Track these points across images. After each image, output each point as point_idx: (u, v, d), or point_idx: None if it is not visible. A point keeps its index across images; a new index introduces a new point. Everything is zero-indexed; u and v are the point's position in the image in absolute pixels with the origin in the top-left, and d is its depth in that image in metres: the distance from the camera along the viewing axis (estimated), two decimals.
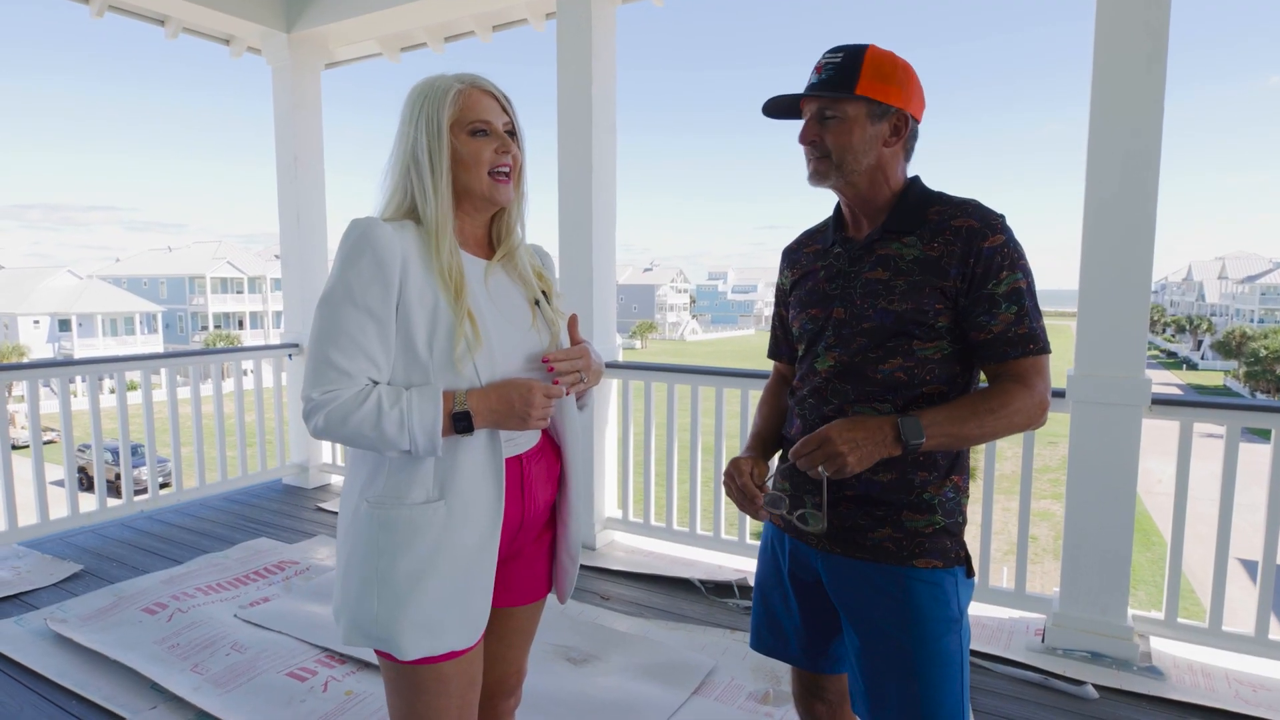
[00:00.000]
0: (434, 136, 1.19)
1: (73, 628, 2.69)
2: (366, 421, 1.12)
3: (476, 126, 1.21)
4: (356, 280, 1.13)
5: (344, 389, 1.13)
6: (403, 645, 1.16)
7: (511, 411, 1.17)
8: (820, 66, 1.23)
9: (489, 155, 1.21)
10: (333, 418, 1.12)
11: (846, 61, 1.20)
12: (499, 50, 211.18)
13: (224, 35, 4.47)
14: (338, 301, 1.14)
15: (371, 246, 1.14)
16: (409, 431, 1.12)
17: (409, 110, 1.22)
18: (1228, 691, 2.34)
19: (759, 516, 1.28)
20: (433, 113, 1.19)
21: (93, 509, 3.77)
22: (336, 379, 1.13)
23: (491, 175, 1.22)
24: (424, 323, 1.16)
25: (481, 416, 1.16)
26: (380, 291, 1.14)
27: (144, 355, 4.28)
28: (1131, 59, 2.37)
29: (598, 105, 3.45)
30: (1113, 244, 2.45)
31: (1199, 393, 37.29)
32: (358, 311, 1.14)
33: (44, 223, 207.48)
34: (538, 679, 2.37)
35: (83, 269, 52.59)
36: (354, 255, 1.14)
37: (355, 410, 1.12)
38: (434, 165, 1.19)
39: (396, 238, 1.16)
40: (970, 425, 1.15)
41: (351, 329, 1.13)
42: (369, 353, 1.14)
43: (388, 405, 1.12)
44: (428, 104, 1.20)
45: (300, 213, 4.53)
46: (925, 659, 1.20)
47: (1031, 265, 1.21)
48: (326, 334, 1.14)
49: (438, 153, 1.19)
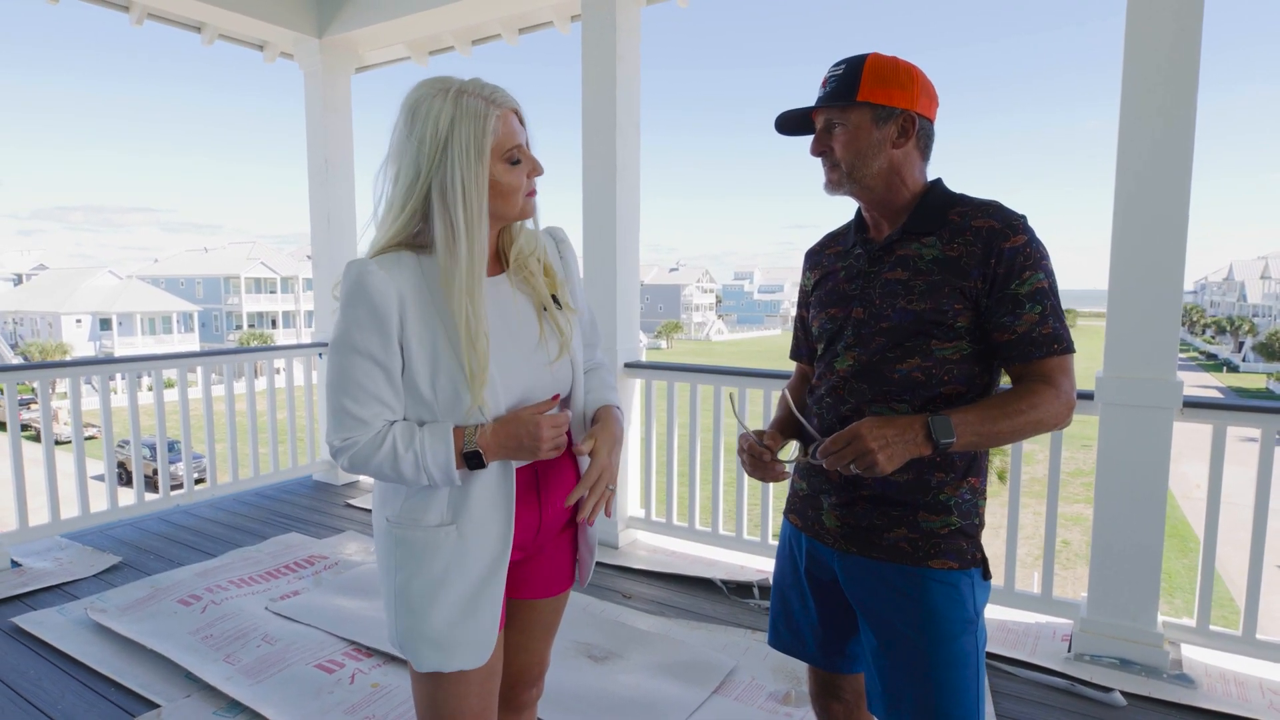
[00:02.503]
0: (471, 167, 1.11)
1: (111, 617, 2.78)
2: (385, 464, 1.16)
3: (514, 155, 1.16)
4: (356, 329, 1.14)
5: (360, 435, 1.16)
6: (418, 658, 1.23)
7: (520, 447, 1.19)
8: (825, 80, 1.27)
9: (525, 182, 1.19)
10: (355, 460, 1.17)
11: (848, 72, 1.23)
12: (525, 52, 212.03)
13: (258, 41, 4.57)
14: (344, 350, 1.16)
15: (366, 296, 1.13)
16: (425, 471, 1.16)
17: (431, 129, 1.10)
18: (1261, 701, 2.29)
19: (768, 477, 1.28)
20: (470, 140, 1.10)
21: (131, 503, 3.88)
22: (353, 426, 1.16)
23: (525, 195, 1.20)
24: (425, 366, 1.17)
25: (491, 453, 1.18)
26: (380, 340, 1.14)
27: (180, 354, 4.39)
28: (1161, 53, 2.33)
29: (622, 106, 3.47)
30: (1143, 241, 2.40)
31: (1240, 396, 36.29)
32: (362, 359, 1.15)
33: (85, 224, 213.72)
34: (559, 675, 2.40)
35: (123, 269, 54.07)
36: (352, 304, 1.14)
37: (374, 454, 1.16)
38: (470, 199, 1.11)
39: (391, 281, 1.13)
40: (1001, 425, 1.14)
41: (359, 377, 1.15)
42: (380, 397, 1.17)
43: (402, 448, 1.15)
44: (461, 128, 1.10)
45: (331, 214, 4.62)
46: (940, 659, 1.20)
47: (1066, 265, 1.20)
48: (338, 383, 1.17)
49: (476, 185, 1.11)
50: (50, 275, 51.61)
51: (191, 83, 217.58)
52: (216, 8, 3.96)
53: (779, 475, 1.27)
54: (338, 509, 4.24)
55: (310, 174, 4.66)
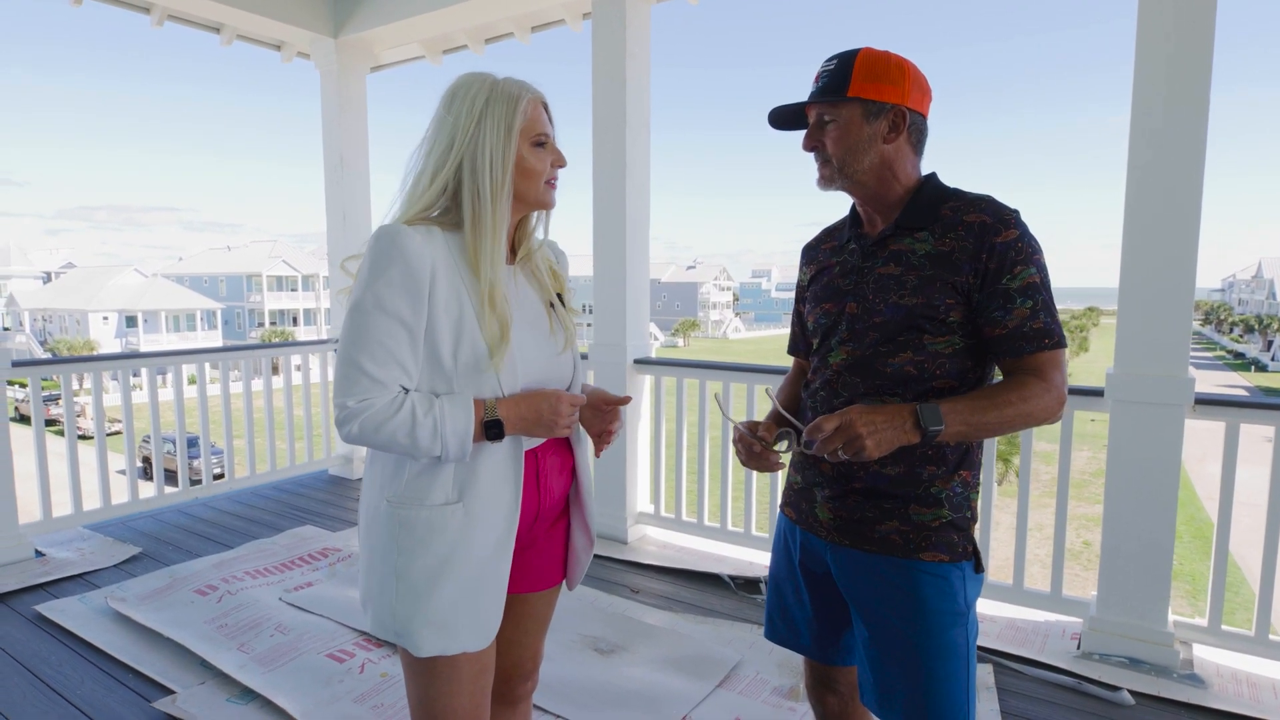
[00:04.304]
0: (501, 141, 1.18)
1: (131, 606, 2.85)
2: (401, 429, 1.14)
3: (540, 139, 1.23)
4: (386, 289, 1.14)
5: (377, 397, 1.15)
6: (418, 642, 1.20)
7: (540, 421, 1.22)
8: (818, 76, 1.27)
9: (547, 167, 1.25)
10: (367, 425, 1.14)
11: (839, 68, 1.24)
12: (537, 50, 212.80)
13: (275, 41, 4.64)
14: (368, 309, 1.14)
15: (403, 255, 1.14)
16: (442, 439, 1.15)
17: (468, 107, 1.19)
18: (1274, 703, 2.26)
19: (763, 466, 1.29)
20: (501, 117, 1.18)
21: (151, 495, 3.97)
22: (370, 387, 1.14)
23: (545, 183, 1.26)
24: (449, 332, 1.18)
25: (511, 424, 1.20)
26: (410, 301, 1.14)
27: (196, 350, 4.47)
28: (1170, 44, 2.30)
29: (632, 104, 3.48)
30: (1154, 236, 2.38)
31: (1268, 396, 35.48)
32: (388, 319, 1.14)
33: (110, 223, 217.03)
34: (564, 668, 2.42)
35: (148, 268, 54.83)
36: (384, 264, 1.14)
37: (390, 418, 1.14)
38: (497, 170, 1.18)
39: (426, 246, 1.16)
40: (989, 416, 1.15)
41: (383, 337, 1.14)
42: (401, 360, 1.16)
43: (421, 414, 1.14)
44: (495, 107, 1.19)
45: (347, 212, 4.67)
46: (931, 651, 1.20)
47: (1093, 263, 1.20)
48: (357, 342, 1.15)
49: (503, 159, 1.18)
50: (78, 273, 52.57)
51: (211, 83, 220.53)
52: (234, 9, 4.02)
53: (774, 464, 1.28)
54: (352, 502, 4.29)
55: (326, 172, 4.72)
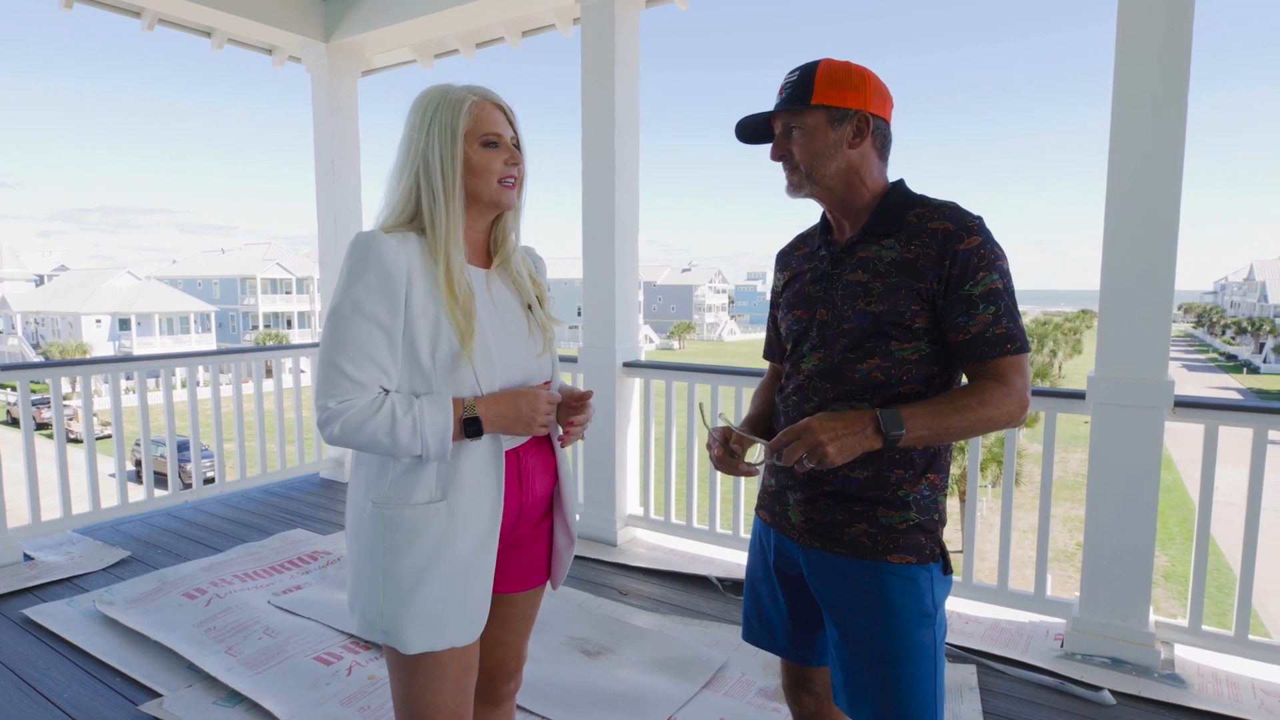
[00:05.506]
0: (448, 144, 1.23)
1: (119, 610, 2.85)
2: (381, 429, 1.17)
3: (489, 138, 1.26)
4: (364, 294, 1.18)
5: (357, 398, 1.18)
6: (406, 640, 1.22)
7: (519, 418, 1.25)
8: (781, 88, 1.30)
9: (499, 166, 1.27)
10: (348, 426, 1.17)
11: (802, 78, 1.26)
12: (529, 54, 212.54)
13: (266, 45, 4.64)
14: (346, 314, 1.18)
15: (379, 261, 1.18)
16: (422, 438, 1.18)
17: (420, 117, 1.25)
18: (1252, 702, 2.29)
19: (736, 473, 1.31)
20: (447, 121, 1.23)
21: (141, 499, 3.96)
22: (350, 389, 1.18)
23: (500, 183, 1.29)
24: (427, 334, 1.21)
25: (490, 422, 1.23)
26: (387, 304, 1.18)
27: (186, 354, 4.47)
28: (1150, 48, 2.34)
29: (621, 107, 3.50)
30: (1134, 240, 2.41)
31: (1260, 398, 35.71)
32: (366, 322, 1.18)
33: (102, 225, 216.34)
34: (550, 669, 2.44)
35: (141, 270, 54.73)
36: (360, 269, 1.18)
37: (370, 418, 1.17)
38: (446, 171, 1.23)
39: (401, 251, 1.20)
40: (951, 420, 1.17)
41: (361, 339, 1.18)
42: (379, 362, 1.19)
43: (401, 413, 1.18)
44: (441, 112, 1.24)
45: (337, 216, 4.68)
46: (898, 652, 1.22)
47: (1090, 266, 1.21)
48: (337, 345, 1.18)
49: (451, 159, 1.23)
50: (70, 276, 52.43)
51: (203, 85, 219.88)
52: (225, 13, 4.02)
53: (749, 471, 1.30)
54: (342, 506, 4.30)
55: (318, 176, 4.73)
